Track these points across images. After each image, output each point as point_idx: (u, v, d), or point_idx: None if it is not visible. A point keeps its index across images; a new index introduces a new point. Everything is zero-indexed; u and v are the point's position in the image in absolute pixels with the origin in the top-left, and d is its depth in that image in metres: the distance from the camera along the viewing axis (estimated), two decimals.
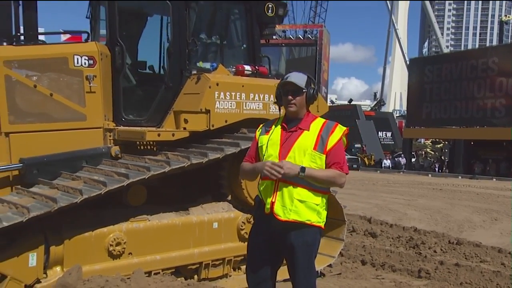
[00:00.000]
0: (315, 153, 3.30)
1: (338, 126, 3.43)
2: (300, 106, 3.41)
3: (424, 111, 39.91)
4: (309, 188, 3.30)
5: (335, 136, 3.35)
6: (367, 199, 17.50)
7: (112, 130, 5.58)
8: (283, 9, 6.69)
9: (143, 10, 6.47)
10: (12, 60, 5.04)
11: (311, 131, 3.36)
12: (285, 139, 3.40)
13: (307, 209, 3.31)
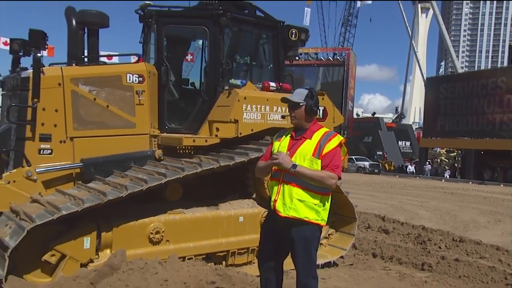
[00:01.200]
0: (313, 158, 3.33)
1: (337, 136, 3.45)
2: (300, 118, 3.46)
3: (439, 124, 39.16)
4: (308, 189, 3.32)
5: (332, 144, 3.36)
6: (384, 200, 17.18)
7: (156, 136, 5.70)
8: (305, 34, 6.68)
9: (185, 35, 6.58)
10: (78, 77, 5.24)
11: (312, 140, 3.40)
12: (291, 146, 3.47)
13: (305, 208, 3.32)
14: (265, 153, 3.81)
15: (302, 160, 3.35)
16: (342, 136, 3.62)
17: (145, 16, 6.07)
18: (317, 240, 3.52)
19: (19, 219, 4.22)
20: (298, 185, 3.32)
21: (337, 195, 6.46)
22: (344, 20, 54.70)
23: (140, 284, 4.09)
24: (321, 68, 46.93)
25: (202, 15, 6.01)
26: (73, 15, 5.38)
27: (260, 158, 3.82)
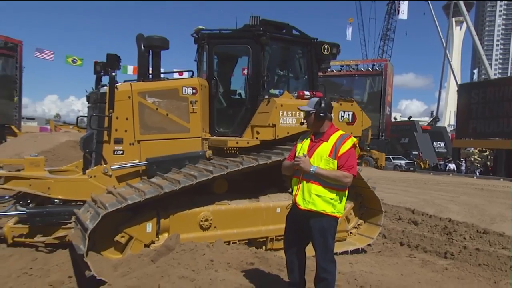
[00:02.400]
0: (329, 159, 3.36)
1: (351, 138, 3.44)
2: (311, 123, 3.54)
3: (471, 126, 37.28)
4: (324, 186, 3.35)
5: (347, 145, 3.36)
6: (417, 195, 16.51)
7: (207, 139, 5.88)
8: (336, 48, 6.62)
9: (232, 53, 6.71)
10: (143, 91, 5.51)
11: (329, 142, 3.42)
12: (310, 147, 3.51)
13: (323, 202, 3.34)
14: (290, 153, 3.85)
15: (319, 160, 3.38)
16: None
17: (199, 38, 6.29)
18: (334, 229, 3.49)
19: (97, 206, 4.49)
20: (316, 182, 3.35)
21: (365, 190, 6.39)
22: (383, 35, 53.81)
23: (189, 262, 4.25)
24: (368, 80, 46.31)
25: (246, 36, 6.10)
26: (141, 40, 5.66)
27: (287, 158, 3.89)
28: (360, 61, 49.98)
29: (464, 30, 75.98)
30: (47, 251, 4.98)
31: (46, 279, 4.42)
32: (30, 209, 4.95)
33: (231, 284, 3.93)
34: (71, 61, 41.06)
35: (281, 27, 6.39)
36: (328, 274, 3.41)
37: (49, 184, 5.01)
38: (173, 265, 4.16)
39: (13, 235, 4.92)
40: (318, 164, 3.36)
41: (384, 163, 35.23)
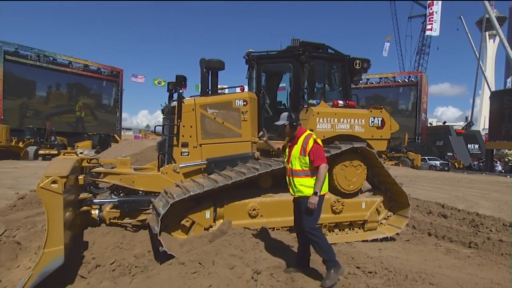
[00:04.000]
0: (301, 157, 3.59)
1: (312, 137, 3.63)
2: (288, 133, 3.76)
3: (504, 129, 33.93)
4: (304, 176, 3.60)
5: (310, 143, 3.56)
6: (449, 191, 15.26)
7: (256, 143, 5.94)
8: (367, 63, 6.40)
9: (276, 70, 6.73)
10: (204, 104, 5.69)
11: (298, 144, 3.64)
12: (289, 150, 3.76)
13: (307, 188, 3.58)
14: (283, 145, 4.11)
15: (294, 159, 3.63)
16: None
17: (249, 59, 6.39)
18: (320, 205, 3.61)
19: (167, 196, 4.72)
20: (297, 176, 3.62)
21: (393, 186, 6.09)
22: (419, 49, 50.76)
23: (239, 243, 4.34)
24: (412, 92, 44.50)
25: (288, 55, 6.10)
26: (203, 63, 5.88)
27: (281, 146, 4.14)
28: (397, 73, 48.24)
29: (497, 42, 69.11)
30: (132, 230, 5.29)
31: (132, 251, 4.74)
32: (120, 198, 5.28)
33: (272, 262, 3.95)
34: (157, 82, 43.58)
35: (318, 47, 6.31)
36: (316, 236, 3.56)
37: (134, 178, 5.32)
38: (226, 245, 4.27)
39: (109, 217, 5.25)
40: (294, 163, 3.62)
41: (420, 163, 33.14)
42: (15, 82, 33.75)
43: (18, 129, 27.76)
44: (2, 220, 5.63)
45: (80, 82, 39.71)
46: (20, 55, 34.77)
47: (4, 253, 4.09)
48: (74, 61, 39.30)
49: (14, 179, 12.48)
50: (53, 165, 4.34)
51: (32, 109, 35.11)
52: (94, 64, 41.84)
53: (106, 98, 43.03)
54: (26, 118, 33.66)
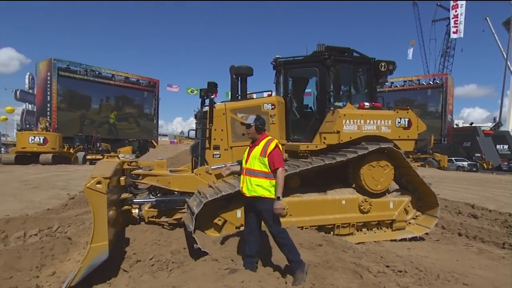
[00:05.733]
0: (260, 158, 3.51)
1: (274, 141, 3.56)
2: (252, 133, 3.66)
3: None
4: (261, 177, 3.50)
5: (271, 146, 3.50)
6: (478, 192, 14.35)
7: (284, 145, 5.83)
8: (393, 65, 6.16)
9: (303, 75, 6.62)
10: (234, 109, 5.68)
11: (259, 145, 3.57)
12: (249, 152, 3.67)
13: (262, 189, 3.48)
14: None
15: (254, 159, 3.55)
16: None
17: (277, 65, 6.34)
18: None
19: (201, 196, 4.75)
20: (254, 176, 3.52)
21: (421, 186, 5.81)
22: (443, 52, 48.52)
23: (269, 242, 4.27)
24: (441, 94, 42.81)
25: (314, 60, 6.00)
26: (233, 70, 5.90)
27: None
28: (421, 76, 46.40)
29: None
30: (169, 228, 5.34)
31: (169, 248, 4.77)
32: (158, 198, 5.36)
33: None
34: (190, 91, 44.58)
35: (343, 51, 6.16)
36: (284, 239, 3.49)
37: (170, 180, 5.39)
38: None
39: (148, 216, 5.34)
40: (253, 163, 3.53)
41: (447, 164, 31.56)
42: (76, 97, 37.58)
43: (69, 137, 29.38)
44: (56, 218, 5.90)
45: (125, 94, 42.55)
46: (71, 70, 37.05)
47: (57, 247, 4.27)
48: (116, 74, 41.28)
49: (65, 181, 13.15)
50: (98, 167, 4.48)
51: (89, 119, 38.74)
52: (134, 76, 43.61)
53: (148, 108, 45.37)
54: (84, 126, 36.71)
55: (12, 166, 21.90)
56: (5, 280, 3.61)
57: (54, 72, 35.47)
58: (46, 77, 35.95)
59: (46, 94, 35.77)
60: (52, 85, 35.42)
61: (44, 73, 36.23)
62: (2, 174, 15.98)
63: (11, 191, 10.41)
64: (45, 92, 36.00)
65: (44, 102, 36.04)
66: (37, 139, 24.39)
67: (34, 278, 3.74)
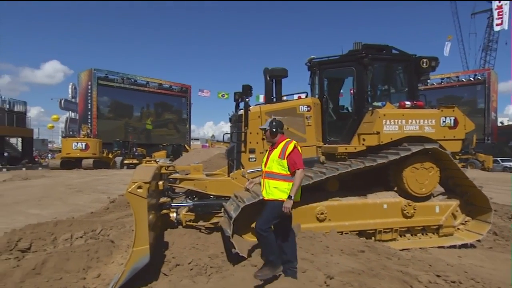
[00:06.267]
0: (279, 160, 3.47)
1: (292, 143, 3.51)
2: (268, 137, 3.66)
3: None
4: (280, 180, 3.46)
5: (290, 148, 3.45)
6: None
7: (320, 147, 5.69)
8: (435, 61, 5.80)
9: (339, 75, 6.41)
10: (269, 111, 5.55)
11: (278, 148, 3.53)
12: (268, 155, 3.65)
13: (278, 191, 3.44)
14: None
15: (272, 162, 3.52)
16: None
17: (311, 65, 6.19)
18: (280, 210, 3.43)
19: (238, 200, 4.71)
20: (273, 178, 3.49)
21: (471, 189, 5.41)
22: (484, 46, 45.48)
23: (309, 247, 4.15)
24: (484, 91, 40.55)
25: (351, 59, 5.79)
26: (267, 72, 5.83)
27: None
28: (460, 72, 43.72)
29: None
30: (206, 232, 5.35)
31: (207, 252, 4.76)
32: (195, 202, 5.38)
33: (344, 267, 3.68)
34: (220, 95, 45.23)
35: (381, 49, 5.88)
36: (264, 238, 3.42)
37: (206, 184, 5.41)
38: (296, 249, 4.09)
39: (185, 220, 5.38)
40: (272, 165, 3.51)
41: (492, 165, 29.44)
42: (120, 106, 40.60)
43: (108, 143, 30.85)
44: (99, 221, 6.13)
45: (164, 101, 44.99)
46: (109, 79, 39.03)
47: (102, 250, 4.41)
48: (150, 81, 42.89)
49: (105, 185, 13.74)
50: (138, 172, 4.58)
51: (132, 126, 41.66)
52: (167, 82, 45.06)
53: (185, 113, 47.50)
54: (128, 133, 39.06)
55: (58, 171, 23.29)
56: (56, 281, 3.77)
57: (94, 81, 37.59)
58: (87, 86, 38.16)
59: (87, 103, 37.95)
60: (93, 94, 37.50)
61: (85, 82, 38.48)
62: (50, 178, 17.02)
63: (58, 195, 11.02)
64: (86, 101, 38.21)
65: (85, 110, 38.24)
66: (80, 145, 25.78)
67: (81, 279, 3.87)
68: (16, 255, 4.66)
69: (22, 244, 4.91)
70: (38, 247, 4.99)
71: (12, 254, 4.68)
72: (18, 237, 5.02)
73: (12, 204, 9.17)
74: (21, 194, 11.05)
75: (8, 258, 4.54)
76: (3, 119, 30.27)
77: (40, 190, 12.22)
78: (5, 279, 3.81)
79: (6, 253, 4.69)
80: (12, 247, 4.84)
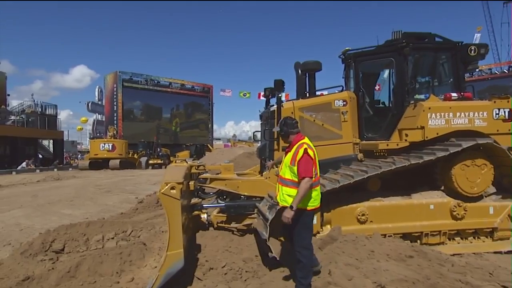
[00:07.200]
0: (291, 166, 3.29)
1: (302, 147, 3.28)
2: (284, 140, 3.51)
3: None
4: (291, 187, 3.30)
5: (299, 154, 3.24)
6: None
7: (358, 144, 5.38)
8: (485, 48, 5.34)
9: (376, 67, 6.04)
10: (303, 107, 5.33)
11: (291, 152, 3.34)
12: (284, 158, 3.49)
13: (290, 199, 3.24)
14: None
15: (285, 167, 3.37)
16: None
17: (346, 58, 5.87)
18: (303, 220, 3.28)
19: (273, 201, 4.47)
20: (285, 185, 3.36)
21: None
22: None
23: (352, 252, 3.87)
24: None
25: (389, 50, 5.42)
26: (298, 66, 5.56)
27: None
28: (493, 64, 41.08)
29: None
30: (239, 234, 5.15)
31: (240, 255, 4.57)
32: (227, 203, 5.20)
33: (396, 275, 3.36)
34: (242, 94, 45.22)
35: (423, 37, 5.48)
36: (304, 257, 3.25)
37: (238, 184, 5.20)
38: (339, 253, 3.84)
39: (217, 221, 5.21)
40: (285, 171, 3.36)
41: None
42: (151, 109, 41.74)
43: (133, 143, 31.51)
44: (129, 222, 6.08)
45: (195, 101, 45.83)
46: (133, 81, 39.91)
47: (134, 253, 4.30)
48: (173, 82, 43.48)
49: (133, 185, 13.90)
50: (169, 172, 4.44)
51: (163, 128, 42.54)
52: (189, 83, 45.52)
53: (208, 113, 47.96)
54: (159, 134, 39.65)
55: (87, 171, 23.98)
56: (90, 285, 3.69)
57: (119, 83, 38.53)
58: (112, 88, 39.18)
59: (113, 104, 38.95)
60: (118, 96, 38.46)
61: (111, 85, 39.52)
62: (81, 179, 17.49)
63: (89, 195, 11.22)
64: (112, 103, 39.23)
65: (111, 111, 39.29)
66: (107, 146, 26.43)
67: (115, 284, 3.76)
68: (51, 256, 4.66)
69: (56, 245, 4.92)
70: (71, 248, 4.98)
71: (47, 255, 4.68)
72: (52, 238, 5.03)
73: (46, 205, 9.38)
74: (54, 195, 11.33)
75: (44, 260, 4.54)
76: (36, 122, 31.55)
77: (71, 190, 12.52)
78: (41, 282, 3.77)
79: (41, 254, 4.69)
80: (47, 248, 4.85)
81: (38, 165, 29.21)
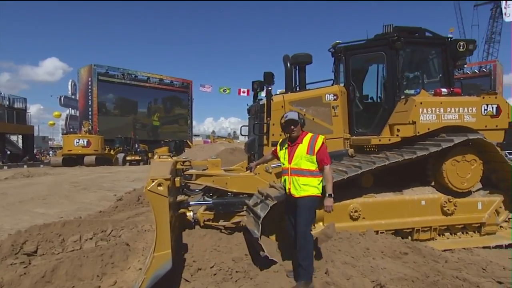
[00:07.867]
0: (307, 156, 3.36)
1: (320, 137, 3.43)
2: (298, 130, 3.47)
3: None
4: (309, 176, 3.36)
5: (319, 143, 3.38)
6: None
7: (348, 139, 5.30)
8: (473, 44, 5.37)
9: (366, 61, 5.96)
10: (293, 101, 5.18)
11: (303, 143, 3.42)
12: (290, 151, 3.49)
13: (311, 187, 3.36)
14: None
15: (299, 158, 3.39)
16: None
17: (336, 51, 5.76)
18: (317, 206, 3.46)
19: (264, 198, 4.31)
20: (302, 175, 3.37)
21: None
22: (487, 38, 44.67)
23: (348, 249, 3.77)
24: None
25: (380, 43, 5.35)
26: (287, 59, 5.39)
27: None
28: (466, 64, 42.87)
29: None
30: (227, 233, 4.98)
31: (230, 255, 4.38)
32: (215, 200, 5.00)
33: (394, 273, 3.27)
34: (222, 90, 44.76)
35: (414, 31, 5.44)
36: (308, 243, 3.31)
37: (227, 180, 5.01)
38: (335, 252, 3.73)
39: (203, 219, 5.01)
40: (299, 162, 3.38)
41: None
42: (125, 103, 40.16)
43: (109, 139, 30.44)
44: (109, 220, 5.73)
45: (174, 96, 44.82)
46: (109, 75, 38.55)
47: (117, 255, 4.02)
48: (151, 76, 42.39)
49: (111, 183, 13.36)
50: (155, 168, 4.17)
51: (140, 122, 41.35)
52: (168, 78, 44.52)
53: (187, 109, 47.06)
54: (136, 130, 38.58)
55: (60, 168, 22.94)
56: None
57: (95, 77, 37.12)
58: (87, 82, 37.69)
59: (88, 99, 37.50)
60: (93, 90, 37.05)
61: (86, 78, 38.00)
62: (54, 176, 16.66)
63: (64, 192, 10.66)
64: (86, 97, 37.76)
65: (86, 106, 37.81)
66: (81, 141, 25.41)
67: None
68: (22, 259, 4.27)
69: (28, 247, 4.52)
70: (45, 250, 4.60)
71: (18, 258, 4.28)
72: (24, 239, 4.63)
73: (17, 203, 8.80)
74: (25, 192, 10.68)
75: (14, 264, 4.15)
76: (3, 116, 29.90)
77: (44, 188, 11.86)
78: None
79: (11, 258, 4.29)
80: (17, 250, 4.45)
81: (6, 162, 27.70)
